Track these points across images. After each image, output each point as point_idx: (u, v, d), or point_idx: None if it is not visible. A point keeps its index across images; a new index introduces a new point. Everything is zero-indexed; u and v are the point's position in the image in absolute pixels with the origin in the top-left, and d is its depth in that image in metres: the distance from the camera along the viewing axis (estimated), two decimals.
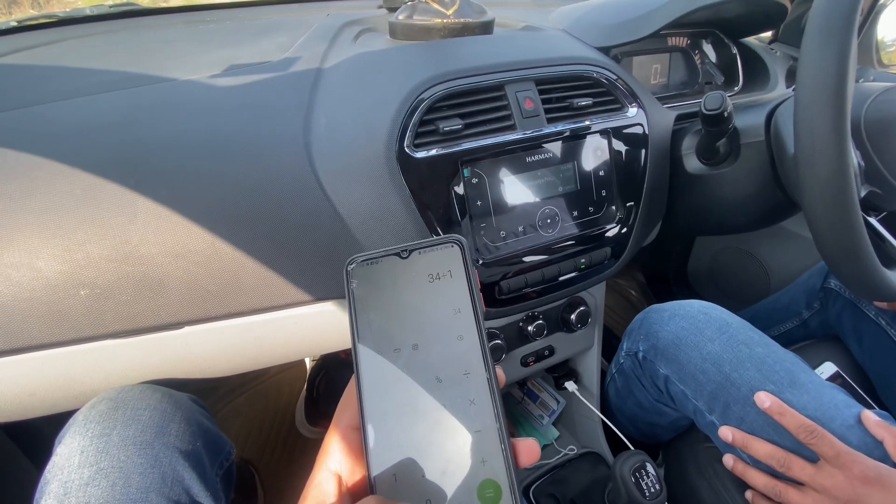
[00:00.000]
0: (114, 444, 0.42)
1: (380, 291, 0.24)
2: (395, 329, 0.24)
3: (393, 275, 0.25)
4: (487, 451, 0.22)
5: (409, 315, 0.24)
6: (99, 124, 0.48)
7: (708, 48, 0.83)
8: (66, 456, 0.41)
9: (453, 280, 0.24)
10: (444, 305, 0.24)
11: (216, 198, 0.44)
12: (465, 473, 0.22)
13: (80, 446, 0.42)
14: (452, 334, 0.24)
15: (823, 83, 0.43)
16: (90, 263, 0.42)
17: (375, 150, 0.47)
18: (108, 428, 0.43)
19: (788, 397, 0.49)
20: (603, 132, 0.58)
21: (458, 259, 0.25)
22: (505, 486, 0.22)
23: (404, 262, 0.25)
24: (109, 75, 0.58)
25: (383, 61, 0.55)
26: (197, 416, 0.49)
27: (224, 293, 0.45)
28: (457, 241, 0.25)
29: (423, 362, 0.23)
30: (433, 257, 0.25)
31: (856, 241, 0.46)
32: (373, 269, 0.25)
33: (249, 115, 0.49)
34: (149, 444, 0.43)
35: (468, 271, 0.25)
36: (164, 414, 0.46)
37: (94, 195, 0.43)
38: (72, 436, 0.43)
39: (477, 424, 0.23)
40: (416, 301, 0.24)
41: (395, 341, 0.24)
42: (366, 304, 0.24)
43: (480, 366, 0.23)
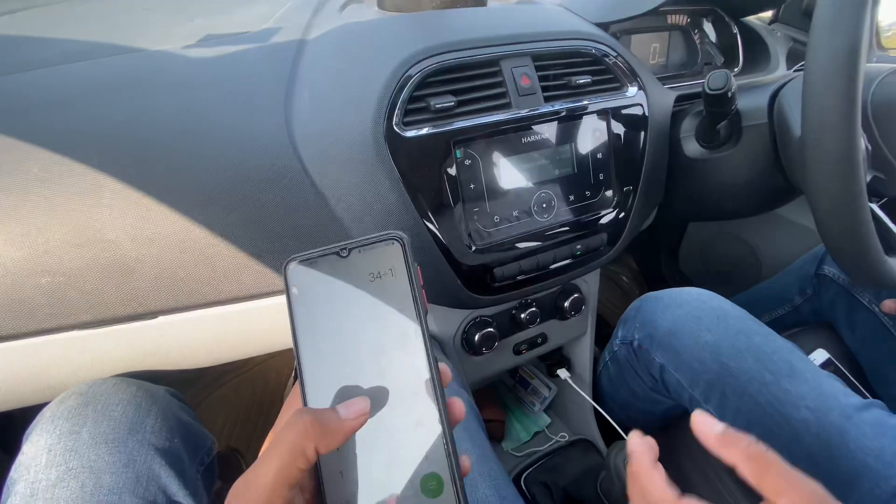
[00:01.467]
0: (84, 442, 0.39)
1: (320, 292, 0.24)
2: (338, 330, 0.24)
3: (333, 274, 0.24)
4: (430, 446, 0.23)
5: (351, 315, 0.24)
6: (60, 98, 0.44)
7: (708, 27, 0.80)
8: (32, 455, 0.39)
9: (395, 278, 0.24)
10: (387, 304, 0.24)
11: (189, 179, 0.41)
12: (408, 468, 0.23)
13: (48, 444, 0.39)
14: (395, 332, 0.24)
15: (835, 61, 0.40)
16: (51, 249, 0.39)
17: (362, 128, 0.44)
18: (78, 425, 0.40)
19: (787, 387, 0.48)
20: (602, 112, 0.56)
21: (399, 256, 0.24)
22: (447, 478, 0.23)
23: (344, 260, 0.24)
24: (75, 45, 0.53)
25: (371, 33, 0.52)
26: (175, 410, 0.47)
27: (199, 281, 0.42)
28: (398, 238, 0.25)
29: (367, 362, 0.24)
30: (374, 255, 0.24)
31: (861, 227, 0.44)
32: (312, 269, 0.24)
33: (225, 88, 0.46)
34: (122, 442, 0.40)
35: (410, 269, 0.24)
36: (138, 409, 0.43)
37: (55, 175, 0.39)
38: (39, 433, 0.40)
39: (420, 421, 0.24)
40: (358, 301, 0.24)
41: (338, 342, 0.24)
42: (306, 305, 0.24)
43: (423, 364, 0.24)
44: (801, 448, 0.46)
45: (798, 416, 0.47)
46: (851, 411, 0.46)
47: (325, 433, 0.21)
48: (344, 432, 0.22)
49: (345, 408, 0.22)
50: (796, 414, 0.47)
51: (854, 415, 0.46)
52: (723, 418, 0.52)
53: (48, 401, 0.49)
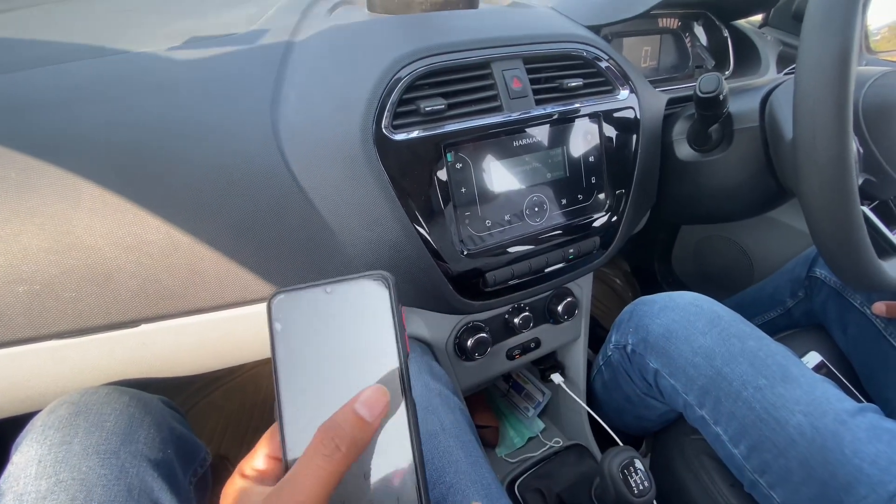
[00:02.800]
0: (75, 453, 0.38)
1: (303, 328, 0.24)
2: (319, 365, 0.24)
3: (317, 310, 0.24)
4: (404, 487, 0.23)
5: (332, 353, 0.24)
6: (38, 101, 0.43)
7: (699, 31, 0.81)
8: (21, 465, 0.38)
9: (379, 318, 0.24)
10: (369, 344, 0.24)
11: (172, 183, 0.40)
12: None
13: (38, 455, 0.38)
14: (376, 373, 0.24)
15: (826, 63, 0.40)
16: (28, 257, 0.37)
17: (350, 130, 0.43)
18: (69, 435, 0.39)
19: (781, 391, 0.48)
20: (593, 115, 0.55)
21: (384, 296, 0.24)
22: None
23: (329, 297, 0.24)
24: (55, 48, 0.52)
25: (360, 34, 0.51)
26: (168, 420, 0.46)
27: (183, 288, 0.41)
28: (383, 278, 0.24)
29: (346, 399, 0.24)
30: (359, 293, 0.24)
31: (853, 230, 0.44)
32: (296, 303, 0.24)
33: (210, 90, 0.45)
34: (114, 453, 0.39)
35: (394, 308, 0.24)
36: (131, 419, 0.42)
37: (32, 180, 0.38)
38: (29, 443, 0.39)
39: (395, 462, 0.23)
40: (340, 339, 0.24)
41: (318, 377, 0.24)
42: (288, 341, 0.24)
43: (402, 405, 0.24)
44: (796, 453, 0.46)
45: (793, 421, 0.46)
46: (846, 416, 0.46)
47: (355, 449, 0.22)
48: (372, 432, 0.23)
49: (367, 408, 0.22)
50: (791, 419, 0.46)
51: (849, 419, 0.45)
52: (717, 423, 0.52)
53: (28, 412, 0.48)
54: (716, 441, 0.53)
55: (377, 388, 0.23)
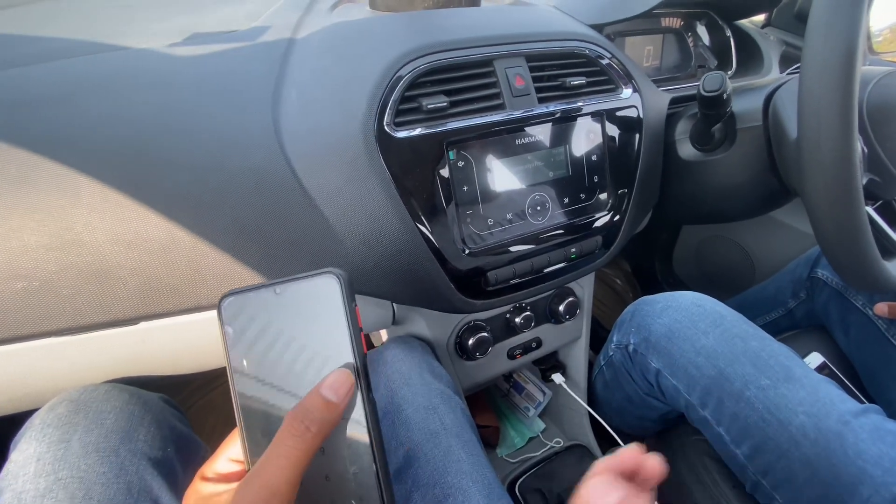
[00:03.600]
0: (74, 451, 0.38)
1: (254, 329, 0.24)
2: (274, 368, 0.24)
3: (268, 311, 0.24)
4: (364, 490, 0.23)
5: (286, 353, 0.24)
6: (38, 97, 0.42)
7: (702, 30, 0.80)
8: (20, 463, 0.38)
9: (331, 316, 0.24)
10: (322, 343, 0.24)
11: (172, 180, 0.40)
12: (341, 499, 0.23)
13: (37, 453, 0.38)
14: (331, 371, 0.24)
15: (831, 62, 0.40)
16: (27, 253, 0.37)
17: (352, 128, 0.43)
18: (68, 433, 0.39)
19: (784, 392, 0.47)
20: (596, 114, 0.55)
21: (336, 293, 0.24)
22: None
23: (279, 297, 0.24)
24: (55, 43, 0.52)
25: (362, 32, 0.51)
26: (169, 418, 0.45)
27: (183, 286, 0.41)
28: (334, 274, 0.24)
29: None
30: (309, 292, 0.24)
31: (858, 230, 0.44)
32: (246, 306, 0.24)
33: (210, 87, 0.45)
34: (113, 451, 0.39)
35: (346, 306, 0.24)
36: (131, 417, 0.42)
37: (31, 176, 0.38)
38: (28, 441, 0.39)
39: (355, 464, 0.23)
40: (293, 339, 0.24)
41: (273, 381, 0.23)
42: (240, 343, 0.24)
43: (360, 406, 0.24)
44: (799, 454, 0.45)
45: (796, 421, 0.46)
46: (849, 417, 0.45)
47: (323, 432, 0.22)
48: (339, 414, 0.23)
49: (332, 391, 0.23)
50: (794, 419, 0.46)
51: (852, 420, 0.45)
52: (719, 424, 0.52)
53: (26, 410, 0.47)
54: (718, 442, 0.53)
55: (341, 371, 0.23)
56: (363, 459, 0.23)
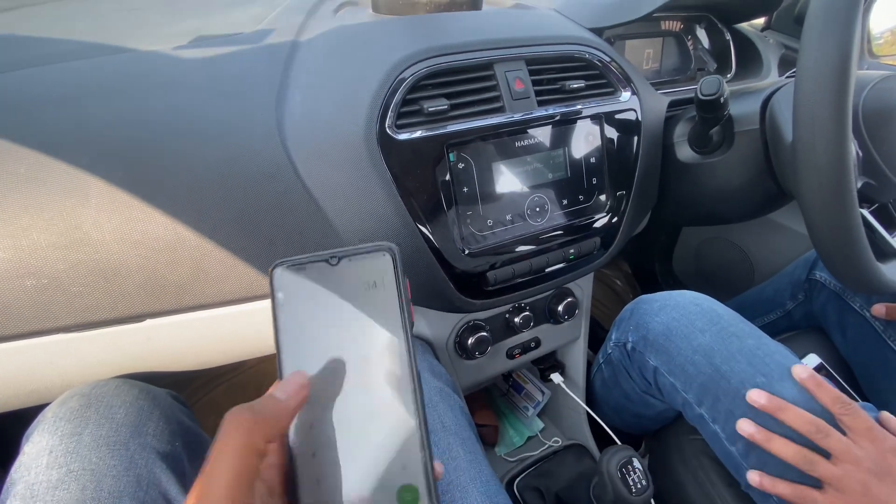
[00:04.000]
0: (85, 444, 0.39)
1: (306, 299, 0.24)
2: (321, 337, 0.24)
3: (321, 282, 0.24)
4: (408, 457, 0.23)
5: (335, 323, 0.24)
6: (47, 98, 0.43)
7: (701, 33, 0.81)
8: (33, 456, 0.39)
9: (383, 289, 0.24)
10: (373, 315, 0.24)
11: (178, 179, 0.40)
12: (385, 479, 0.23)
13: (49, 446, 0.39)
14: (380, 344, 0.24)
15: (826, 67, 0.41)
16: (36, 251, 0.38)
17: (354, 130, 0.44)
18: (80, 427, 0.40)
19: (779, 390, 0.48)
20: (595, 117, 0.56)
21: (389, 268, 0.24)
22: (423, 490, 0.23)
23: (333, 268, 0.24)
24: (63, 45, 0.53)
25: (365, 35, 0.51)
26: (177, 413, 0.46)
27: (188, 283, 0.42)
28: (388, 250, 0.24)
29: (349, 371, 0.24)
30: (363, 265, 0.24)
31: (852, 233, 0.44)
32: (300, 275, 0.24)
33: (216, 89, 0.45)
34: (123, 445, 0.40)
35: (399, 281, 0.24)
36: (140, 411, 0.43)
37: (41, 176, 0.39)
38: (40, 434, 0.40)
39: (400, 433, 0.23)
40: (344, 310, 0.24)
41: (321, 349, 0.24)
42: (291, 311, 0.24)
43: (408, 377, 0.24)
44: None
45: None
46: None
47: (269, 423, 0.21)
48: (289, 413, 0.22)
49: (281, 390, 0.22)
50: None
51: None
52: (715, 422, 0.52)
53: (34, 405, 0.48)
54: (714, 440, 0.53)
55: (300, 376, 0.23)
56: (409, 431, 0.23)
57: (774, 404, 0.47)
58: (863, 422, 0.44)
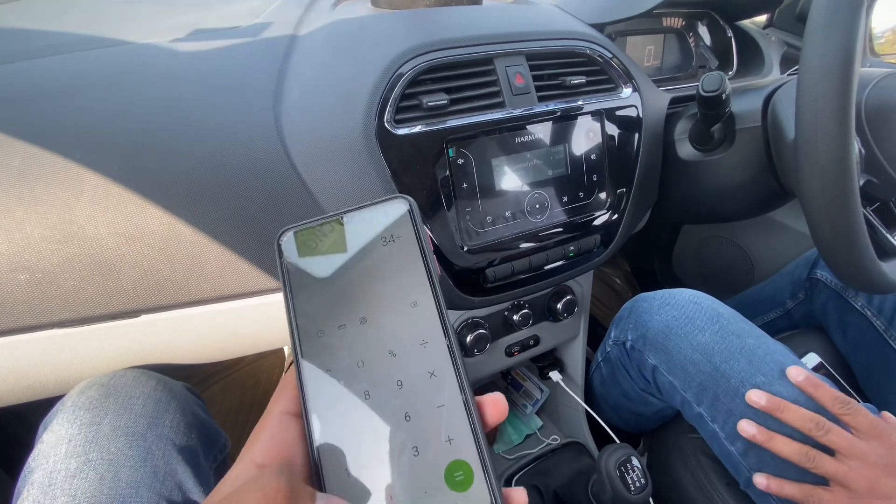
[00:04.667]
0: (104, 433, 0.39)
1: (318, 263, 0.21)
2: (339, 303, 0.21)
3: (332, 243, 0.22)
4: (453, 427, 0.19)
5: (353, 286, 0.21)
6: (43, 91, 0.43)
7: (703, 30, 0.80)
8: (52, 444, 0.39)
9: (402, 243, 0.22)
10: (393, 272, 0.21)
11: (174, 174, 0.40)
12: (429, 456, 0.19)
13: (68, 435, 0.39)
14: (404, 302, 0.21)
15: (829, 64, 0.40)
16: (30, 245, 0.37)
17: (353, 124, 0.43)
18: (99, 416, 0.40)
19: (778, 389, 0.48)
20: (596, 113, 0.55)
21: (405, 219, 0.22)
22: (476, 466, 0.19)
23: (343, 227, 0.22)
24: (58, 37, 0.52)
25: (364, 29, 0.51)
26: (192, 406, 0.47)
27: (184, 279, 0.41)
28: (403, 199, 0.22)
29: (373, 336, 0.21)
30: (377, 220, 0.22)
31: (854, 231, 0.44)
32: (309, 238, 0.22)
33: (213, 83, 0.45)
34: (141, 436, 0.40)
35: (418, 231, 0.22)
36: (158, 403, 0.43)
37: (35, 169, 0.38)
38: (59, 423, 0.40)
39: (439, 399, 0.20)
40: (361, 270, 0.21)
41: (339, 317, 0.21)
42: (302, 278, 0.21)
43: (439, 333, 0.20)
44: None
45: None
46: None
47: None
48: None
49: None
50: None
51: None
52: (714, 421, 0.52)
53: (28, 400, 0.48)
54: (713, 439, 0.53)
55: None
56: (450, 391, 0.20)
57: (774, 404, 0.46)
58: (865, 418, 0.44)
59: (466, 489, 0.19)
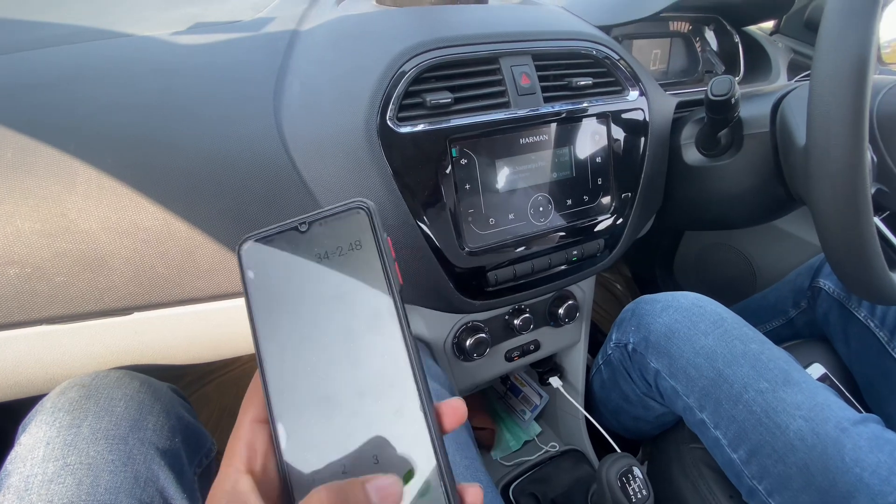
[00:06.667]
0: (83, 437, 0.38)
1: (280, 272, 0.22)
2: (300, 313, 0.21)
3: (293, 251, 0.22)
4: (411, 436, 0.21)
5: (315, 296, 0.22)
6: (36, 82, 0.42)
7: (710, 35, 0.80)
8: (29, 447, 0.38)
9: (362, 251, 0.22)
10: (354, 280, 0.22)
11: (170, 168, 0.39)
12: (388, 465, 0.20)
13: (46, 437, 0.38)
14: (365, 311, 0.22)
15: (843, 70, 0.39)
16: (20, 238, 0.36)
17: (354, 121, 0.42)
18: (79, 419, 0.39)
19: (782, 395, 0.47)
20: (602, 116, 0.54)
21: (366, 227, 0.22)
22: (434, 474, 0.20)
23: (304, 235, 0.22)
24: (57, 28, 0.51)
25: (367, 25, 0.50)
26: (177, 408, 0.45)
27: (178, 276, 0.40)
28: (362, 206, 0.22)
29: (335, 347, 0.21)
30: (337, 227, 0.22)
31: (865, 240, 0.43)
32: (270, 247, 0.22)
33: (212, 77, 0.44)
34: (122, 439, 0.39)
35: (378, 239, 0.22)
36: (141, 405, 0.42)
37: (27, 161, 0.37)
38: (38, 425, 0.39)
39: (397, 407, 0.21)
40: (322, 280, 0.22)
41: (301, 327, 0.21)
42: (264, 288, 0.21)
43: (399, 342, 0.21)
44: (795, 459, 0.45)
45: (793, 425, 0.45)
46: (847, 424, 0.45)
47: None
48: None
49: (375, 490, 0.19)
50: (791, 424, 0.46)
51: (850, 427, 0.44)
52: (716, 427, 0.51)
53: (15, 398, 0.47)
54: (715, 446, 0.52)
55: (395, 481, 0.20)
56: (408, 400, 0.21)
57: None
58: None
59: (424, 497, 0.20)
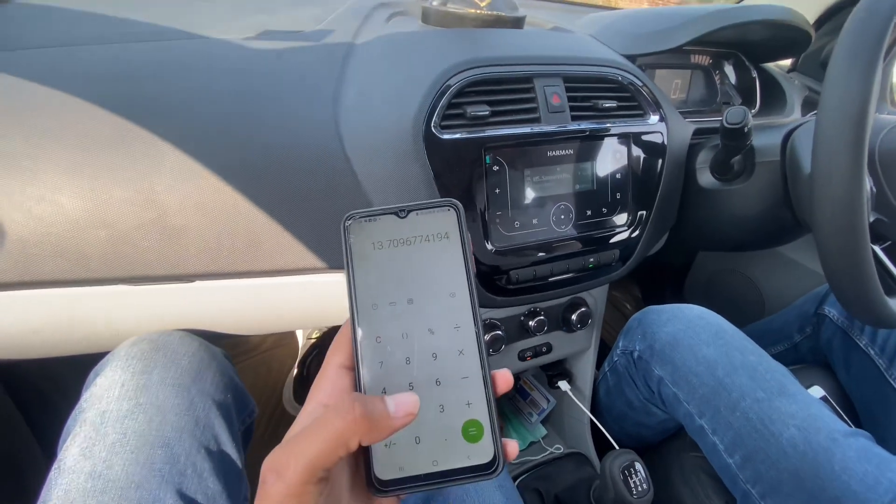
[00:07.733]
0: (153, 382, 0.43)
1: (376, 248, 0.26)
2: (391, 284, 0.26)
3: (390, 233, 0.26)
4: (473, 395, 0.25)
5: (404, 271, 0.26)
6: (131, 72, 0.48)
7: (729, 69, 0.85)
8: (105, 387, 0.43)
9: (448, 241, 0.26)
10: (439, 264, 0.26)
11: (242, 156, 0.45)
12: (452, 414, 0.25)
13: (122, 380, 0.43)
14: (445, 291, 0.26)
15: (846, 106, 0.44)
16: (113, 205, 0.42)
17: (403, 127, 0.48)
18: (149, 367, 0.44)
19: (777, 405, 0.50)
20: (623, 136, 0.59)
21: (453, 222, 0.26)
22: (487, 426, 0.24)
23: (402, 221, 0.26)
24: (141, 27, 0.58)
25: (417, 43, 0.56)
26: (228, 370, 0.51)
27: (241, 251, 0.46)
28: (453, 205, 0.26)
29: (417, 315, 0.25)
30: (430, 219, 0.26)
31: (862, 262, 0.47)
32: (371, 226, 0.26)
33: (280, 79, 0.50)
34: (186, 388, 0.44)
35: (462, 234, 0.26)
36: (201, 362, 0.47)
37: (124, 139, 0.43)
38: (112, 369, 0.44)
39: (464, 371, 0.25)
40: (412, 259, 0.26)
41: (390, 295, 0.26)
42: (363, 258, 0.26)
43: (470, 320, 0.25)
44: (787, 465, 0.48)
45: (786, 434, 0.49)
46: (838, 435, 0.48)
47: (372, 428, 0.21)
48: (391, 429, 0.22)
49: (395, 405, 0.23)
50: (785, 432, 0.49)
51: (841, 439, 0.48)
52: (715, 432, 0.54)
53: (78, 353, 0.52)
54: (712, 451, 0.55)
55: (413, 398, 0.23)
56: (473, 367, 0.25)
57: None
58: None
59: (477, 441, 0.24)
